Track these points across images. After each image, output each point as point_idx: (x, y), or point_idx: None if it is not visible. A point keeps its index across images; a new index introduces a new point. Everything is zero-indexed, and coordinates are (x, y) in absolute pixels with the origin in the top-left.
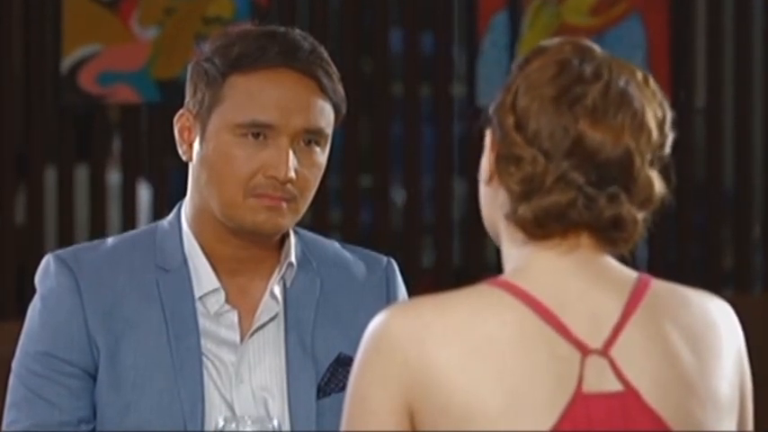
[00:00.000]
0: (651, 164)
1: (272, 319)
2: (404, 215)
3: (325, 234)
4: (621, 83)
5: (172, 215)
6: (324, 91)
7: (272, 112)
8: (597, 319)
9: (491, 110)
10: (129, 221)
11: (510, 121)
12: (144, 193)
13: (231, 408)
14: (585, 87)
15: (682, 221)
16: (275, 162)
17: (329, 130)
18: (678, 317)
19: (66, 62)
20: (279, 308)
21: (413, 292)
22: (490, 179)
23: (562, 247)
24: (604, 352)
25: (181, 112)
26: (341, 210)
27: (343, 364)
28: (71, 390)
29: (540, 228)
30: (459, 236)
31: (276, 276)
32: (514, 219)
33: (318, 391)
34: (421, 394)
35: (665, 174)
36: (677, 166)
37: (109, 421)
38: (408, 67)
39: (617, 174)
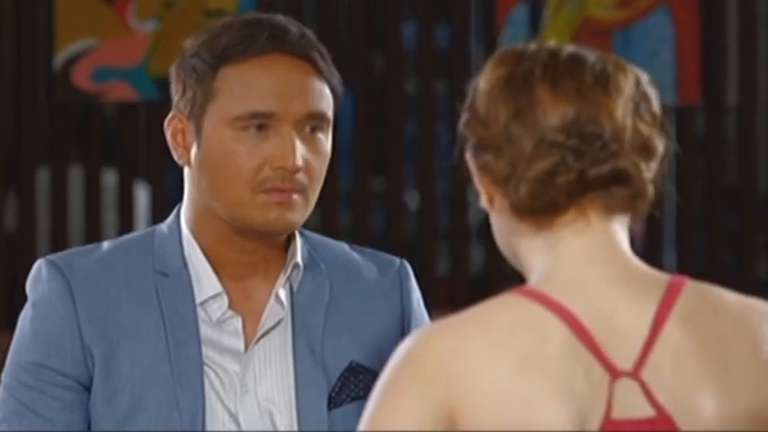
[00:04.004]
0: (640, 117)
1: (277, 324)
2: (417, 220)
3: (335, 239)
4: (568, 49)
5: (170, 218)
6: (320, 73)
7: (270, 100)
8: (628, 335)
9: (459, 131)
10: (126, 226)
11: (477, 125)
12: (142, 196)
13: (235, 419)
14: (531, 61)
15: (712, 226)
16: (281, 152)
17: (330, 114)
18: (712, 327)
19: (60, 58)
20: (284, 312)
21: (427, 301)
22: (491, 200)
23: (576, 225)
24: (635, 374)
25: (171, 114)
26: (351, 214)
27: (354, 373)
28: (64, 402)
29: (538, 199)
30: (477, 242)
31: (281, 278)
32: (512, 203)
33: (329, 401)
34: (466, 416)
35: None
36: (707, 168)
37: None
38: (422, 63)
39: (597, 128)
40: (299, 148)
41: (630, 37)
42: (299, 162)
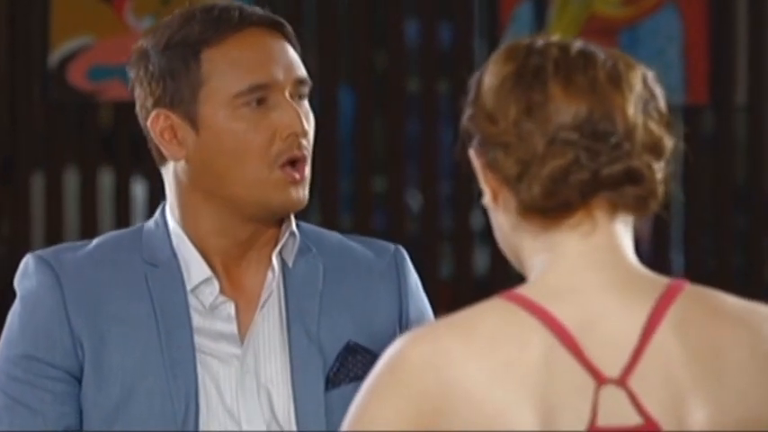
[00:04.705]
0: (649, 115)
1: (269, 298)
2: (420, 221)
3: None
4: (577, 45)
5: (157, 215)
6: (290, 40)
7: (264, 71)
8: (617, 342)
9: (463, 126)
10: (123, 228)
11: (484, 120)
12: (139, 199)
13: (230, 406)
14: (541, 56)
15: (721, 228)
16: (287, 119)
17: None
18: (707, 333)
19: (55, 56)
20: (275, 281)
21: (431, 304)
22: (495, 196)
23: (582, 227)
24: (622, 381)
25: (154, 114)
26: (352, 215)
27: (352, 353)
28: (55, 394)
29: (551, 197)
30: (481, 244)
31: (276, 249)
32: (522, 201)
33: (327, 381)
34: (443, 420)
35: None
36: (716, 168)
37: (97, 425)
38: (425, 62)
39: (610, 127)
40: (301, 113)
41: (637, 35)
42: (306, 124)
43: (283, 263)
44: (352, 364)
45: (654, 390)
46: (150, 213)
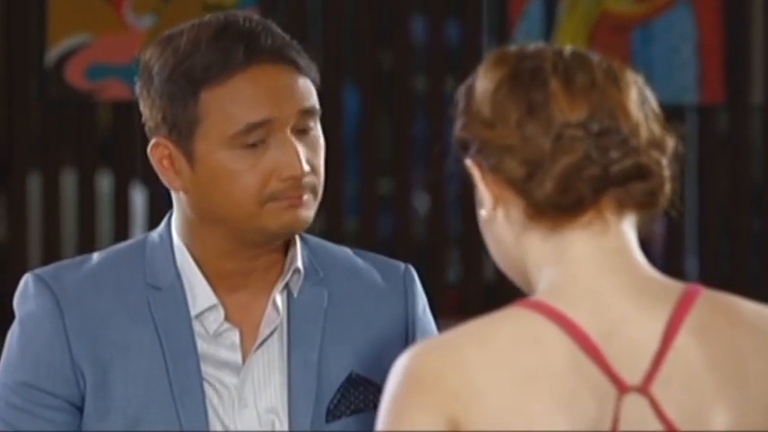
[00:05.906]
0: (647, 114)
1: (273, 333)
2: (427, 224)
3: (340, 244)
4: (570, 48)
5: (162, 227)
6: (300, 70)
7: (261, 108)
8: (637, 348)
9: (456, 137)
10: (121, 233)
11: (480, 127)
12: (138, 201)
13: None
14: (536, 58)
15: (736, 231)
16: (287, 160)
17: (317, 105)
18: (726, 339)
19: (52, 54)
20: (279, 319)
21: (438, 310)
22: (495, 203)
23: (593, 227)
24: (643, 389)
25: (154, 141)
26: (357, 217)
27: (354, 385)
28: (55, 424)
29: (565, 193)
30: None
31: (279, 285)
32: (534, 200)
33: (327, 413)
34: (474, 425)
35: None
36: (731, 170)
37: None
38: (432, 59)
39: (615, 124)
40: (302, 153)
41: (650, 33)
42: (306, 167)
43: (288, 290)
44: (353, 396)
45: (675, 396)
46: (149, 218)
